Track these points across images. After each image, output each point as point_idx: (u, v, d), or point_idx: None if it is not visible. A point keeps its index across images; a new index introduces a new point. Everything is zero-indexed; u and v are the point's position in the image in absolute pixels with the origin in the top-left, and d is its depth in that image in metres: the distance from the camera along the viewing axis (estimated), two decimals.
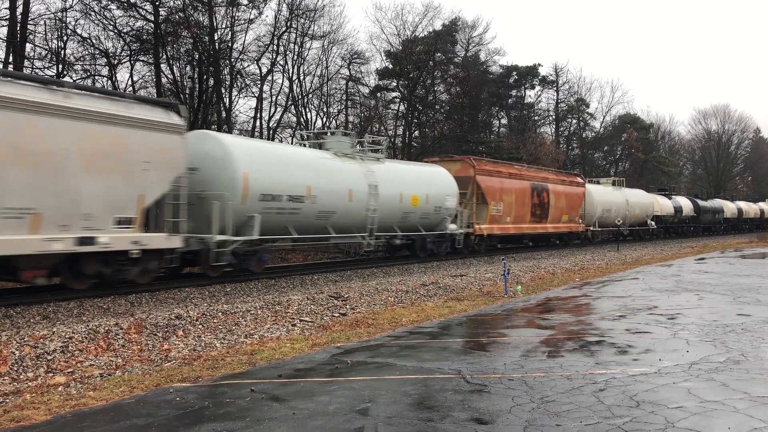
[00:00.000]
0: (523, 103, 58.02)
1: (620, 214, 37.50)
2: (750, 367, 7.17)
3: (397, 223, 20.74)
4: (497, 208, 25.99)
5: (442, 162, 25.30)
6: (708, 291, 14.31)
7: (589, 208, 34.62)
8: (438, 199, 22.26)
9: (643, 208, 41.42)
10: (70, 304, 11.95)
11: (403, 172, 21.57)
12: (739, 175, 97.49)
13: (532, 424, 5.30)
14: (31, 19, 24.98)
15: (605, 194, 37.06)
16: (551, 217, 30.41)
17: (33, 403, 6.10)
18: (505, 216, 26.58)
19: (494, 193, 25.86)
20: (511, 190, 27.14)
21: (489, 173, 25.97)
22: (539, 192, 29.32)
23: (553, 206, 30.50)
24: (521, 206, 27.88)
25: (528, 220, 28.46)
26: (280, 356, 8.04)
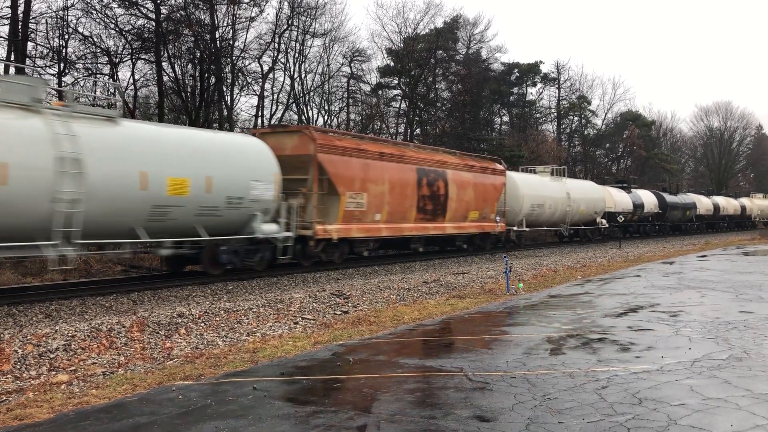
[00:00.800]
0: (525, 100, 57.90)
1: (558, 210, 31.19)
2: (752, 365, 7.17)
3: (142, 223, 12.96)
4: (357, 201, 18.59)
5: (274, 134, 18.16)
6: (710, 288, 14.30)
7: (513, 202, 27.59)
8: (236, 185, 14.66)
9: (591, 204, 34.73)
10: (73, 303, 11.96)
11: (159, 141, 13.57)
12: (741, 172, 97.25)
13: (535, 422, 5.30)
14: (32, 18, 24.98)
15: (536, 186, 30.10)
16: (452, 214, 23.04)
17: (36, 402, 6.11)
18: (372, 212, 19.16)
19: (351, 180, 18.36)
20: (382, 177, 19.59)
21: (342, 151, 18.24)
22: (432, 181, 21.87)
23: (455, 199, 23.07)
24: (401, 199, 20.35)
25: (413, 218, 21.02)
26: (283, 354, 8.05)
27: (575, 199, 32.61)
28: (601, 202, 35.91)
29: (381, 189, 19.57)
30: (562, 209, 31.57)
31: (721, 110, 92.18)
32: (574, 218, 33.26)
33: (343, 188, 18.10)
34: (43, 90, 12.39)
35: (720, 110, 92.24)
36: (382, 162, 19.68)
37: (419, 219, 21.43)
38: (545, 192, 30.44)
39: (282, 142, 17.55)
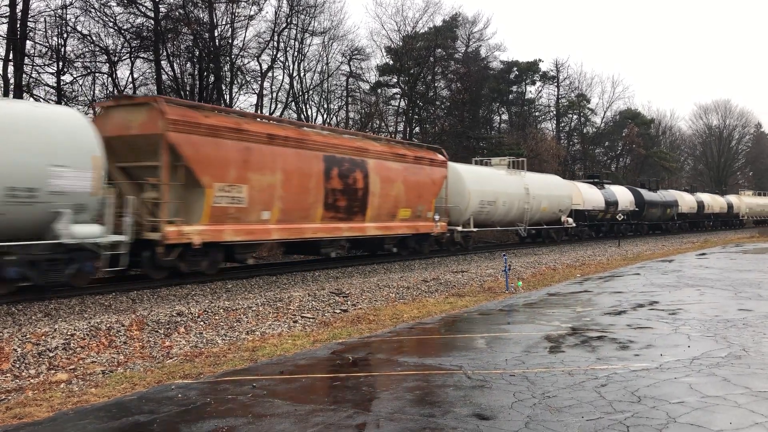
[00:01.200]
0: (524, 98, 57.87)
1: (515, 207, 27.65)
2: (751, 362, 7.18)
3: None
4: (233, 195, 14.67)
5: (119, 107, 14.41)
6: (709, 286, 14.31)
7: (457, 199, 23.90)
8: (24, 172, 11.05)
9: (555, 201, 31.11)
10: (72, 302, 11.96)
11: None
12: (740, 170, 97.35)
13: (534, 420, 5.30)
14: (31, 17, 24.96)
15: (487, 180, 26.17)
16: (375, 211, 19.42)
17: (35, 400, 6.11)
18: (257, 210, 15.38)
19: (221, 169, 14.48)
20: (273, 165, 15.63)
21: (209, 131, 14.32)
22: (346, 172, 18.13)
23: (379, 195, 19.43)
24: (300, 193, 16.56)
25: (319, 216, 17.27)
26: (282, 352, 8.05)
27: (536, 195, 29.13)
28: (567, 199, 32.43)
29: (270, 180, 15.58)
30: (520, 207, 28.07)
31: (720, 108, 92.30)
32: (534, 217, 29.75)
33: (208, 178, 14.15)
34: None
35: (719, 108, 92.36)
36: (273, 147, 15.69)
37: (328, 218, 17.66)
38: (499, 187, 26.74)
39: (128, 119, 14.00)
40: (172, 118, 13.63)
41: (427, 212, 22.00)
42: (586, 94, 62.89)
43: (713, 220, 56.70)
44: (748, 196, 67.37)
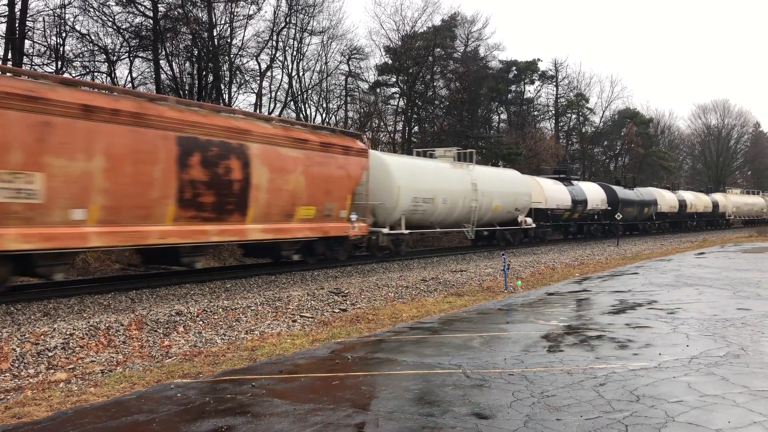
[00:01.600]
0: (523, 98, 57.91)
1: (459, 206, 23.71)
2: (750, 361, 7.19)
3: None
4: (18, 187, 10.85)
5: None
6: (707, 285, 14.33)
7: (384, 195, 20.15)
8: None
9: (510, 199, 27.31)
10: (71, 301, 11.96)
11: None
12: (738, 169, 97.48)
13: (533, 419, 5.31)
14: (29, 16, 24.95)
15: (422, 174, 22.18)
16: (261, 210, 15.38)
17: (34, 400, 6.11)
18: (62, 207, 11.42)
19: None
20: (88, 147, 11.74)
21: None
22: (214, 158, 14.06)
23: (267, 189, 15.45)
24: (138, 185, 12.59)
25: (170, 216, 13.24)
26: (281, 352, 8.06)
27: (486, 192, 25.29)
28: (525, 196, 28.87)
29: (84, 167, 11.68)
30: (466, 205, 24.05)
31: (718, 108, 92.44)
32: (485, 217, 25.93)
33: None
34: None
35: (718, 108, 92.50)
36: (91, 123, 11.76)
37: (186, 218, 13.61)
38: (438, 182, 22.59)
39: None
40: None
41: (339, 211, 17.91)
42: (585, 93, 62.99)
43: (697, 220, 53.81)
44: (735, 195, 65.31)
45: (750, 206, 66.30)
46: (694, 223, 53.36)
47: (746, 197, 67.16)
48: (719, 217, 58.70)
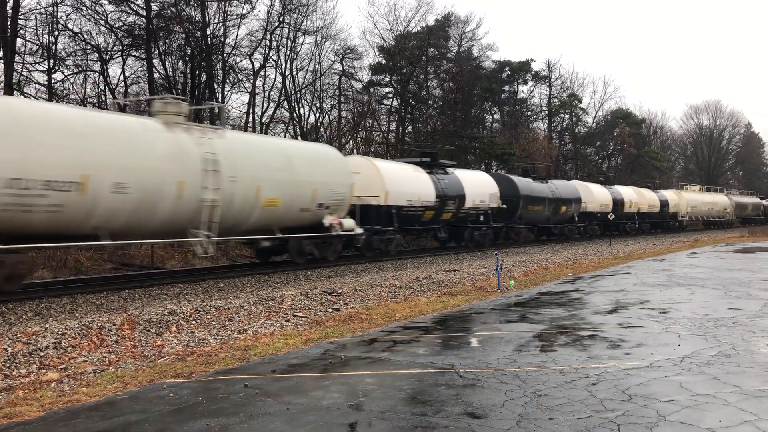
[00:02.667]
0: (516, 98, 58.07)
1: (167, 198, 13.67)
2: (741, 361, 7.22)
3: None
4: None
5: None
6: (699, 285, 14.39)
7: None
8: None
9: (304, 190, 17.42)
10: (63, 300, 11.91)
11: None
12: (730, 170, 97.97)
13: (525, 418, 5.32)
14: (21, 14, 24.82)
15: (65, 139, 11.86)
16: None
17: (26, 400, 6.09)
18: None
19: None
20: None
21: None
22: None
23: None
24: None
25: None
26: (274, 352, 8.05)
27: (242, 176, 15.22)
28: (340, 187, 18.74)
29: None
30: (191, 198, 14.08)
31: (710, 108, 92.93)
32: (247, 218, 15.84)
33: None
34: None
35: (710, 108, 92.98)
36: None
37: None
38: (110, 156, 12.65)
39: None
40: None
41: None
42: (578, 93, 63.20)
43: (639, 222, 43.99)
44: (692, 192, 57.12)
45: (710, 205, 57.23)
46: (636, 225, 43.66)
47: (705, 195, 58.74)
48: (669, 218, 49.61)
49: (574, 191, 35.91)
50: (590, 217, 37.19)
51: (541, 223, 33.36)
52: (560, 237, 34.89)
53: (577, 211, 35.85)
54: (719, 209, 59.27)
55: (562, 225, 35.32)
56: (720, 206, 59.68)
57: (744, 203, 66.23)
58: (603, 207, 38.18)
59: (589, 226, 37.50)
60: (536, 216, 32.00)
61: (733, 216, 63.31)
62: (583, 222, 36.82)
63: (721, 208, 59.93)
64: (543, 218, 32.82)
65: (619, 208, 39.79)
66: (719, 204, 59.64)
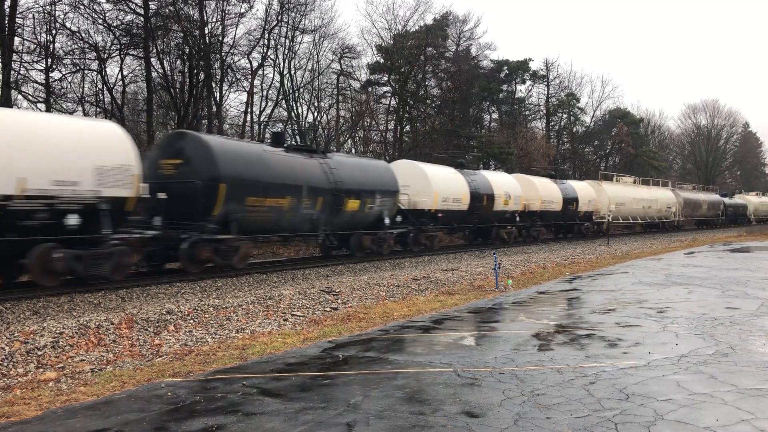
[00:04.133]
0: (514, 97, 58.08)
1: None
2: (738, 360, 7.24)
3: None
4: None
5: None
6: (697, 285, 14.41)
7: None
8: None
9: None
10: (61, 299, 11.90)
11: None
12: (728, 169, 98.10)
13: (523, 417, 5.33)
14: (19, 13, 24.78)
15: None
16: None
17: (23, 399, 6.08)
18: None
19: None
20: None
21: None
22: None
23: None
24: None
25: None
26: (272, 351, 8.05)
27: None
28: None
29: None
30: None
31: (708, 108, 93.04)
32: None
33: None
34: None
35: (707, 108, 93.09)
36: None
37: None
38: None
39: None
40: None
41: None
42: (576, 93, 63.24)
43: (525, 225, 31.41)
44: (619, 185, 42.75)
45: (646, 203, 43.53)
46: (511, 229, 30.22)
47: (640, 189, 44.51)
48: (578, 218, 36.01)
49: (386, 179, 23.72)
50: (434, 217, 25.24)
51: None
52: (374, 253, 22.09)
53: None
54: (659, 208, 45.72)
55: (365, 232, 22.61)
56: (661, 203, 45.96)
57: (696, 201, 53.72)
58: (457, 204, 26.21)
59: (432, 236, 25.24)
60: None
61: (681, 217, 49.98)
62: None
63: (663, 206, 46.10)
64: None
65: (483, 205, 27.96)
66: (660, 201, 45.96)
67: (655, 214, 45.74)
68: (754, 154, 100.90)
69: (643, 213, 43.57)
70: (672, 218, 48.65)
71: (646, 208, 43.87)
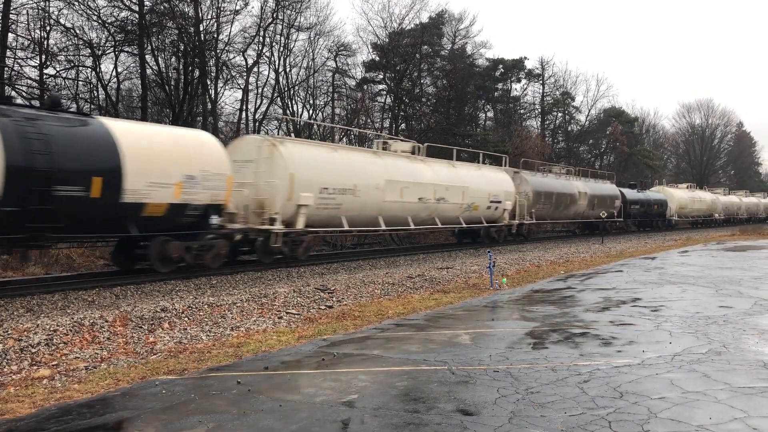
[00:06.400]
0: (509, 96, 58.11)
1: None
2: (731, 358, 7.27)
3: None
4: None
5: None
6: (691, 283, 14.46)
7: None
8: None
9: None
10: (55, 297, 11.86)
11: None
12: (722, 168, 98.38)
13: (517, 415, 5.34)
14: (13, 9, 24.62)
15: None
16: None
17: (17, 396, 6.07)
18: None
19: None
20: None
21: None
22: None
23: None
24: None
25: None
26: (267, 348, 8.04)
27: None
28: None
29: None
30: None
31: (702, 107, 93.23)
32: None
33: None
34: None
35: (702, 107, 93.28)
36: None
37: None
38: None
39: None
40: None
41: None
42: (571, 92, 63.33)
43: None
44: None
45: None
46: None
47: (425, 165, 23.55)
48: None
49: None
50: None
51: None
52: None
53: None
54: (463, 201, 24.65)
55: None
56: (474, 194, 25.22)
57: (558, 192, 32.69)
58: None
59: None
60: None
61: (528, 217, 29.68)
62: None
63: (474, 198, 25.11)
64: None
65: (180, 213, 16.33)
66: (473, 189, 25.15)
67: (446, 212, 23.93)
68: (748, 153, 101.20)
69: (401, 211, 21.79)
70: (501, 222, 27.46)
71: (424, 201, 22.56)
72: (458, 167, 25.96)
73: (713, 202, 56.84)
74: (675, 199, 49.47)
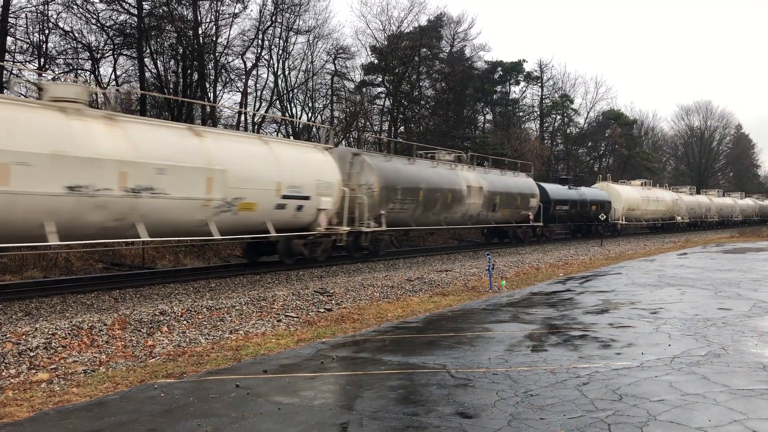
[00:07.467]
0: (508, 99, 58.17)
1: None
2: (730, 361, 7.27)
3: None
4: None
5: None
6: (690, 286, 14.46)
7: None
8: None
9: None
10: (53, 300, 11.86)
11: None
12: (721, 170, 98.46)
13: (517, 418, 5.34)
14: (12, 12, 24.68)
15: None
16: None
17: (15, 400, 6.05)
18: None
19: None
20: None
21: None
22: None
23: None
24: None
25: None
26: (266, 352, 8.03)
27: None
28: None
29: None
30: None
31: (701, 110, 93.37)
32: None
33: None
34: None
35: (700, 109, 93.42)
36: None
37: None
38: None
39: None
40: None
41: None
42: (570, 94, 63.41)
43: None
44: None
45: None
46: None
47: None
48: None
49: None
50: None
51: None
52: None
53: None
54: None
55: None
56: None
57: (422, 187, 23.05)
58: None
59: None
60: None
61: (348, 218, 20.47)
62: None
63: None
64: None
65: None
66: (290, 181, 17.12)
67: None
68: (747, 155, 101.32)
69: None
70: (314, 229, 18.50)
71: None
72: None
73: (674, 203, 48.56)
74: (622, 199, 40.93)
